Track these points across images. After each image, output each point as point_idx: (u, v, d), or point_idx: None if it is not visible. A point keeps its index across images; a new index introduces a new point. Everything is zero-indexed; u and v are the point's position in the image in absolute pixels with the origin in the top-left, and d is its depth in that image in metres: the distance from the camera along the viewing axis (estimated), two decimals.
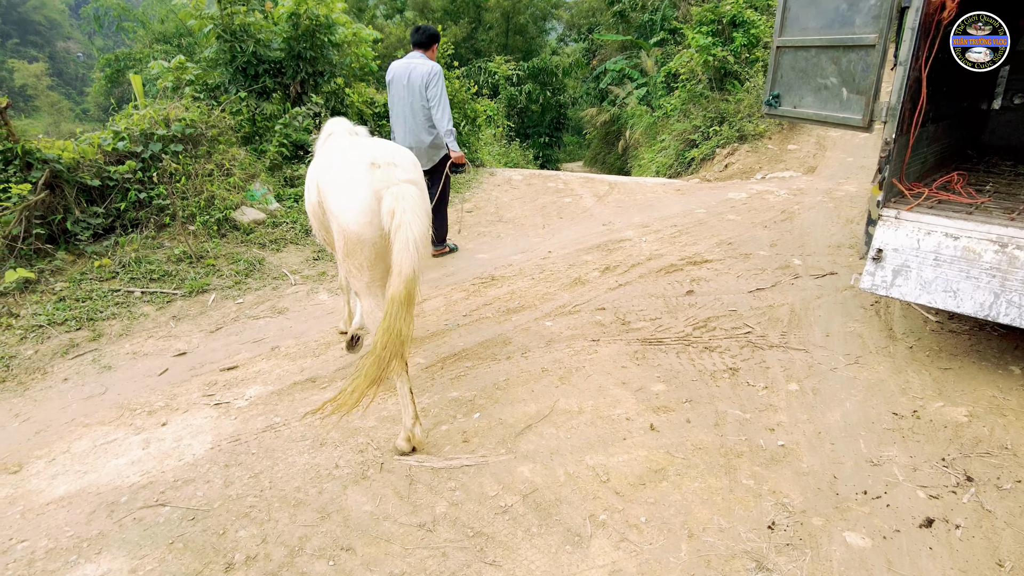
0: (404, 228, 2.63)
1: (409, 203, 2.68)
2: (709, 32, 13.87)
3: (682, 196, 7.93)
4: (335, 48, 8.18)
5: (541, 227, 6.69)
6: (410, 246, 2.62)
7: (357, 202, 2.75)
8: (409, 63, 5.35)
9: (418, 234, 2.65)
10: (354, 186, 2.78)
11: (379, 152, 2.90)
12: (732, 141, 11.36)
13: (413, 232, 2.64)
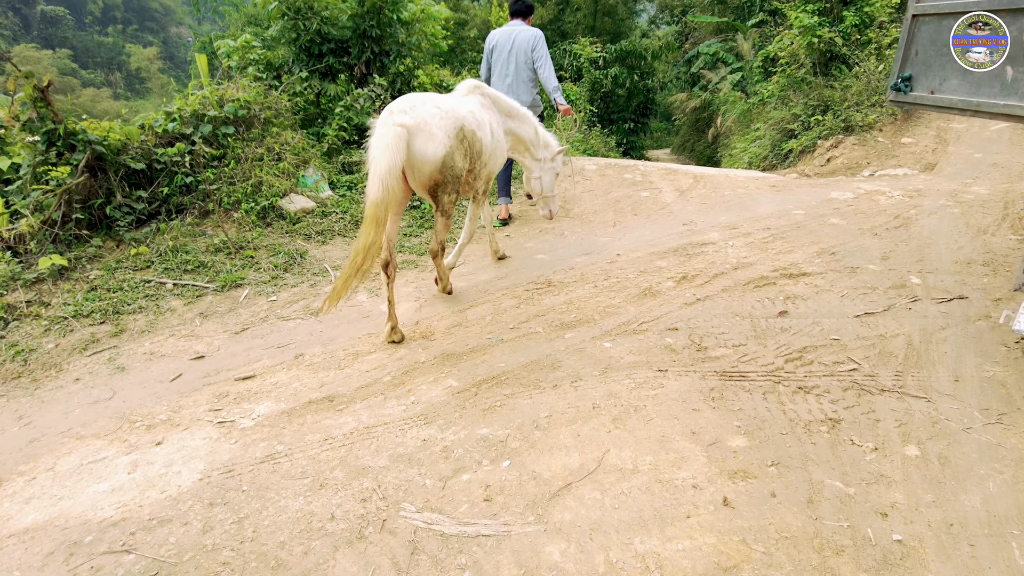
0: (373, 164, 3.30)
1: (378, 142, 3.33)
2: (815, 11, 12.56)
3: (777, 193, 7.00)
4: (403, 26, 7.73)
5: (612, 225, 6.00)
6: (373, 178, 3.27)
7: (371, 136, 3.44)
8: (512, 29, 5.86)
9: (381, 168, 3.25)
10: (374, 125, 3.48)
11: (405, 102, 3.58)
12: (836, 132, 10.16)
13: (377, 167, 3.26)
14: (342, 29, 7.44)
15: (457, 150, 3.64)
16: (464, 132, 3.70)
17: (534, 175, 4.99)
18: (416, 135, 3.44)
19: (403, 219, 5.94)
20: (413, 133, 3.43)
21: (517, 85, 5.78)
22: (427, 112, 3.53)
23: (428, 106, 3.57)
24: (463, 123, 3.69)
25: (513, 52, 5.76)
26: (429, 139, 3.49)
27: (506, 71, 5.82)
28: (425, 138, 3.48)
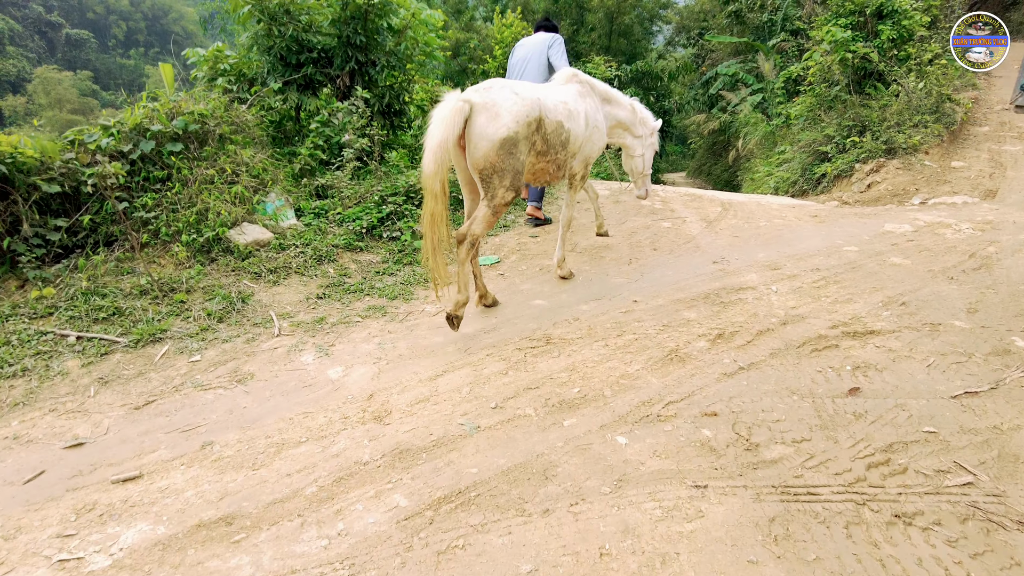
0: (427, 138, 3.27)
1: (434, 118, 3.30)
2: (847, 25, 11.64)
3: (820, 225, 6.00)
4: (392, 34, 6.89)
5: (627, 262, 5.03)
6: (427, 152, 3.25)
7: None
8: (534, 36, 5.79)
9: (432, 143, 3.24)
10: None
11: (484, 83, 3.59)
12: (877, 155, 9.16)
13: (431, 141, 3.24)
14: (323, 36, 6.62)
15: (523, 139, 3.54)
16: (541, 122, 3.67)
17: (636, 153, 4.97)
18: (480, 112, 3.41)
19: (378, 255, 5.02)
20: (477, 110, 3.41)
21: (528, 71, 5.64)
22: (499, 94, 3.49)
23: (504, 89, 3.53)
24: (542, 113, 3.65)
25: (529, 50, 5.71)
26: (492, 119, 3.42)
27: (517, 66, 5.72)
28: (488, 117, 3.41)
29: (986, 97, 13.22)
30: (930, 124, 9.66)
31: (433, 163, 3.24)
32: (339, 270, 4.66)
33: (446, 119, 3.27)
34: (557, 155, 3.90)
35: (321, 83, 6.96)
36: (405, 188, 5.68)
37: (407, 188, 5.68)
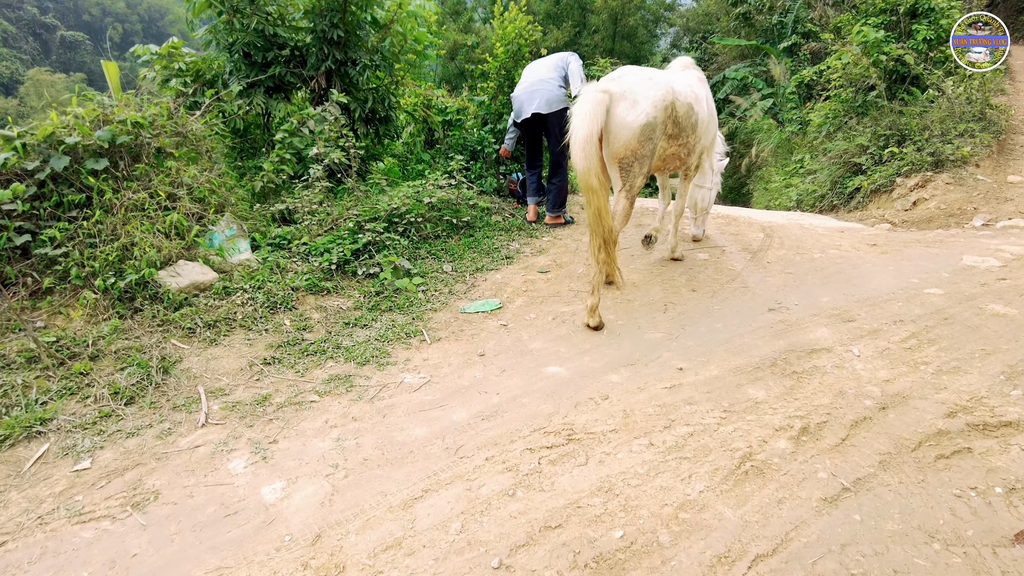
0: (573, 132, 3.29)
1: (580, 110, 3.31)
2: (878, 24, 10.72)
3: (883, 256, 5.03)
4: (376, 28, 5.93)
5: (661, 308, 4.05)
6: (576, 147, 3.27)
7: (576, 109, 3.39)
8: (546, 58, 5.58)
9: (580, 137, 3.25)
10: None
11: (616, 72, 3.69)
12: (922, 168, 8.21)
13: (577, 136, 3.27)
14: (294, 30, 5.66)
15: (659, 123, 3.58)
16: (674, 106, 3.68)
17: (706, 184, 4.96)
18: (619, 101, 3.47)
19: (349, 299, 4.04)
20: (615, 99, 3.47)
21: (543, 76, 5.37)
22: (634, 80, 3.56)
23: (638, 76, 3.61)
24: (675, 96, 3.67)
25: (542, 64, 5.49)
26: (632, 106, 3.48)
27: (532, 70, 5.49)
28: (628, 105, 3.48)
29: (1016, 103, 12.28)
30: (977, 133, 8.72)
31: (584, 159, 3.26)
32: (298, 322, 3.69)
33: (589, 112, 3.29)
34: (688, 139, 3.90)
35: (293, 85, 6.00)
36: (387, 211, 4.71)
37: (389, 212, 4.71)
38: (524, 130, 5.55)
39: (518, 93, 5.41)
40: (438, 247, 4.87)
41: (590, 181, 3.30)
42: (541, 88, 5.23)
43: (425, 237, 4.93)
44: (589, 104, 3.31)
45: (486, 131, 6.45)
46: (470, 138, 6.51)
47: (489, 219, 5.47)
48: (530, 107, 5.29)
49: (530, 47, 6.49)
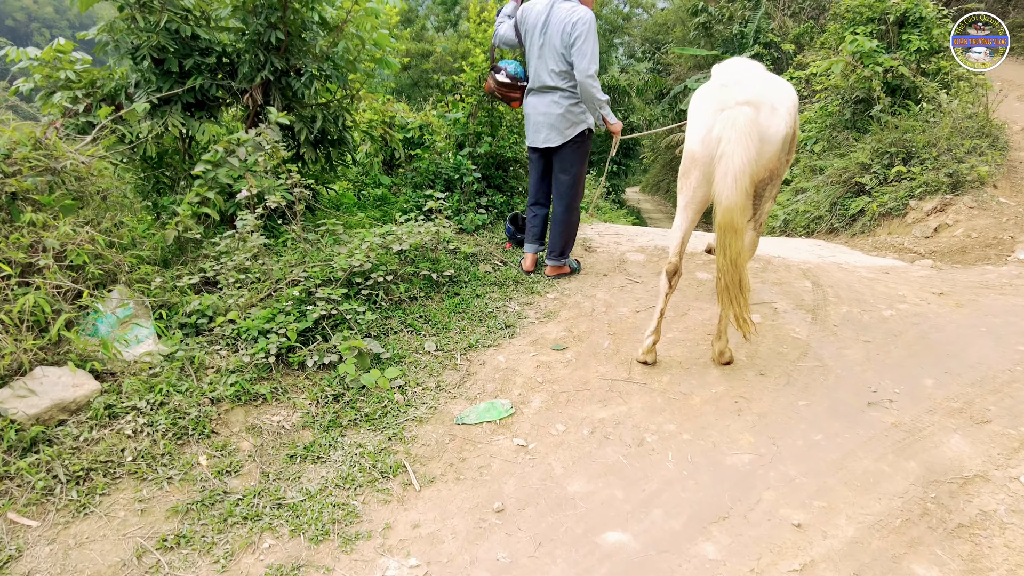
0: (726, 159, 2.70)
1: (735, 131, 2.71)
2: (869, 33, 10.07)
3: (960, 310, 4.11)
4: (326, 31, 4.75)
5: (732, 409, 2.98)
6: (729, 178, 2.69)
7: (697, 122, 2.97)
8: (550, 3, 4.02)
9: (739, 165, 2.68)
10: (699, 106, 3.01)
11: (733, 70, 3.08)
12: (939, 190, 7.46)
13: (734, 164, 2.68)
14: (220, 31, 4.43)
15: (791, 131, 3.08)
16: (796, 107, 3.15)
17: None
18: (758, 110, 2.84)
19: (295, 411, 2.82)
20: (756, 110, 2.83)
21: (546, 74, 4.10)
22: (758, 80, 3.03)
23: (754, 73, 3.11)
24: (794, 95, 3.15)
25: (545, 36, 4.03)
26: (772, 113, 2.91)
27: (534, 67, 4.19)
28: (768, 112, 2.89)
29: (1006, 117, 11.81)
30: (986, 151, 8.07)
31: (741, 194, 2.73)
32: (219, 458, 2.47)
33: (744, 134, 2.73)
34: (790, 156, 3.31)
35: (221, 101, 4.76)
36: (347, 269, 3.52)
37: (349, 270, 3.53)
38: (531, 155, 4.44)
39: (527, 100, 4.31)
40: (415, 314, 3.70)
41: (736, 221, 2.75)
42: (547, 113, 4.14)
43: (397, 301, 3.75)
44: (743, 123, 2.73)
45: (463, 156, 5.32)
46: (443, 164, 5.37)
47: (476, 270, 4.32)
48: (536, 135, 4.20)
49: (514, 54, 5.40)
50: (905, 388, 3.15)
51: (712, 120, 2.86)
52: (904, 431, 2.76)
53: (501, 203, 5.41)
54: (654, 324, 3.26)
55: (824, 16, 20.33)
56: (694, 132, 2.99)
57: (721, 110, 2.83)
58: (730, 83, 2.98)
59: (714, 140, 2.79)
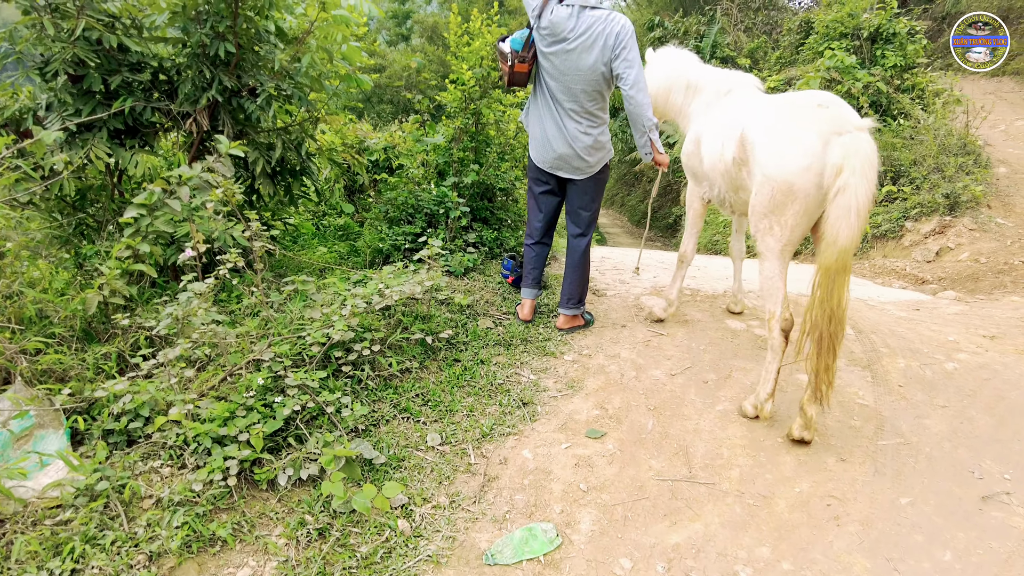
0: (849, 192, 2.37)
1: (860, 161, 2.38)
2: (844, 48, 9.86)
3: (1019, 356, 3.66)
4: (285, 42, 4.02)
5: (827, 515, 2.38)
6: (852, 214, 2.36)
7: (799, 146, 2.53)
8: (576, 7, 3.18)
9: (863, 200, 2.37)
10: (797, 127, 2.57)
11: (823, 95, 2.66)
12: (935, 210, 7.17)
13: (859, 198, 2.36)
14: (155, 42, 3.65)
15: None
16: None
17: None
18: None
19: (266, 559, 2.08)
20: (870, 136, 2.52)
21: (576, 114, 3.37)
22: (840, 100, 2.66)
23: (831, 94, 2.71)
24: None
25: (578, 51, 3.21)
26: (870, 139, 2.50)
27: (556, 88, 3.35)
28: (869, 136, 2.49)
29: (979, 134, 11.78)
30: (973, 169, 7.86)
31: (859, 230, 2.40)
32: None
33: (869, 163, 2.41)
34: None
35: (158, 127, 3.96)
36: (324, 343, 2.79)
37: (327, 343, 2.79)
38: (537, 176, 3.74)
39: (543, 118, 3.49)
40: (410, 392, 2.98)
41: (849, 262, 2.45)
42: (573, 134, 3.39)
43: (387, 377, 3.03)
44: (868, 153, 2.41)
45: (446, 187, 4.63)
46: (423, 196, 4.67)
47: (476, 326, 3.63)
48: (548, 160, 3.53)
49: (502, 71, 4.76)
50: (1015, 473, 2.61)
51: (821, 146, 2.47)
52: None
53: (491, 240, 4.72)
54: (771, 386, 2.86)
55: (777, 31, 20.56)
56: (792, 159, 2.54)
57: (838, 134, 2.46)
58: (830, 103, 2.58)
59: (830, 170, 2.44)
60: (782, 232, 2.69)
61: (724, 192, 3.32)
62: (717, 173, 3.27)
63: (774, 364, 2.85)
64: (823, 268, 2.49)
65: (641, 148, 3.45)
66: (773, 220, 2.69)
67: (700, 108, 3.66)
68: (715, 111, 3.50)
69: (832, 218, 2.41)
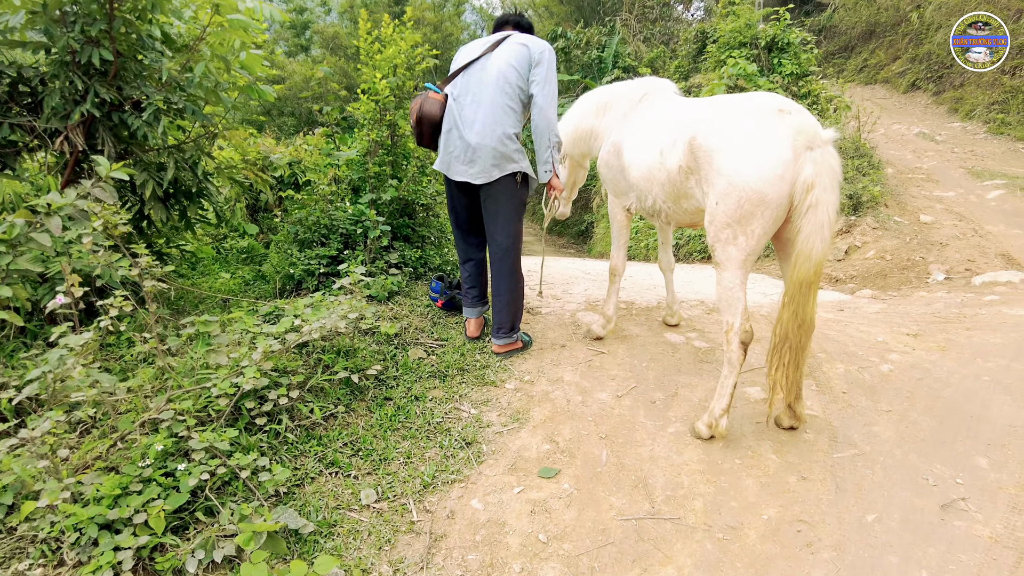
0: (821, 208, 2.38)
1: (830, 178, 2.40)
2: (744, 57, 10.22)
3: (948, 355, 3.74)
4: (172, 49, 3.58)
5: (798, 541, 2.25)
6: (824, 229, 2.39)
7: (770, 155, 2.43)
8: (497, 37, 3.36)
9: (833, 214, 2.42)
10: (765, 135, 2.45)
11: (779, 99, 2.57)
12: (842, 211, 7.48)
13: (829, 213, 2.40)
14: (6, 47, 3.15)
15: None
16: None
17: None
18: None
19: None
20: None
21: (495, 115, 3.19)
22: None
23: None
24: None
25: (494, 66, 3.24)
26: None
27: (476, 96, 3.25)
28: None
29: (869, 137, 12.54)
30: (869, 170, 8.31)
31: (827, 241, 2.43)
32: None
33: (837, 180, 2.44)
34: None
35: (21, 147, 3.41)
36: (233, 395, 2.41)
37: (237, 394, 2.42)
38: (452, 192, 3.52)
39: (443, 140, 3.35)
40: (337, 441, 2.64)
41: (819, 275, 2.47)
42: (481, 141, 3.19)
43: (310, 427, 2.67)
44: (836, 170, 2.42)
45: (363, 204, 4.29)
46: (338, 215, 4.31)
47: (407, 357, 3.32)
48: (458, 165, 3.29)
49: (417, 80, 4.48)
50: (965, 476, 2.60)
51: (793, 156, 2.41)
52: (1008, 547, 2.17)
53: (415, 260, 4.42)
54: (726, 402, 2.76)
55: (675, 41, 21.36)
56: (761, 169, 2.44)
57: (809, 148, 2.41)
58: (791, 108, 2.50)
59: (801, 184, 2.39)
60: (747, 242, 2.59)
61: (661, 202, 3.18)
62: (654, 183, 3.13)
63: (731, 379, 2.75)
64: (797, 281, 2.47)
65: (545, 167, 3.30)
66: (738, 230, 2.58)
67: (615, 120, 3.57)
68: (635, 118, 3.41)
69: (805, 233, 2.40)
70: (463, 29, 30.09)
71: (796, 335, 2.49)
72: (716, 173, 2.60)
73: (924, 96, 14.18)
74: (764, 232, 2.54)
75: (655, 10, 22.32)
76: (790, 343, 2.51)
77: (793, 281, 2.47)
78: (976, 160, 10.11)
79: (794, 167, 2.41)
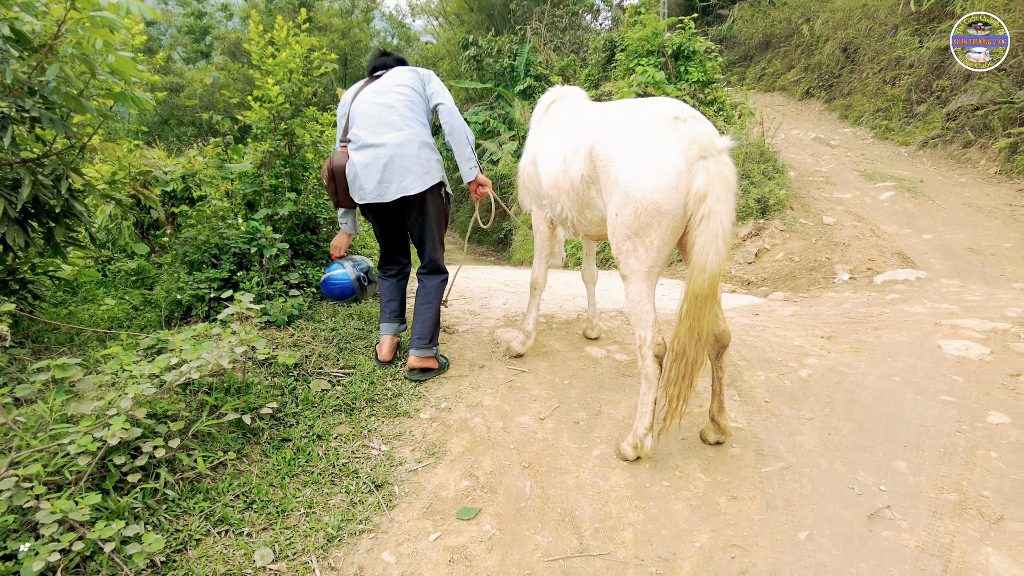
0: (715, 219, 2.29)
1: (723, 188, 2.31)
2: (652, 65, 10.42)
3: (860, 356, 3.81)
4: (26, 47, 3.14)
5: (733, 570, 2.14)
6: (719, 240, 2.29)
7: (663, 165, 2.36)
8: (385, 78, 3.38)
9: (728, 225, 2.32)
10: (657, 146, 2.38)
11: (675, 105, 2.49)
12: (751, 215, 7.67)
13: (724, 224, 2.30)
14: None
15: None
16: None
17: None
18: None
19: None
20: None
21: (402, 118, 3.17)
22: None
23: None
24: None
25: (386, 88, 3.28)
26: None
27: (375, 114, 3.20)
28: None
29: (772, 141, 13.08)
30: (773, 174, 8.61)
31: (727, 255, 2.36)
32: None
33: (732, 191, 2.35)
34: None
35: None
36: (96, 452, 2.06)
37: (102, 449, 2.07)
38: (374, 215, 3.32)
39: (353, 159, 3.17)
40: (227, 494, 2.32)
41: (716, 288, 2.37)
42: (399, 147, 3.09)
43: (195, 479, 2.34)
44: (731, 180, 2.33)
45: (258, 220, 3.94)
46: (229, 232, 3.94)
47: (308, 390, 3.02)
48: (389, 184, 3.08)
49: (316, 87, 4.18)
50: (887, 483, 2.59)
51: (687, 166, 2.33)
52: (935, 555, 2.14)
53: (319, 279, 4.10)
54: (649, 419, 2.62)
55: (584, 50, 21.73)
56: (656, 179, 2.37)
57: (702, 157, 2.32)
58: (686, 116, 2.43)
59: (694, 195, 2.32)
60: (647, 254, 2.50)
61: (568, 211, 3.07)
62: (561, 191, 3.03)
63: (650, 395, 2.63)
64: (693, 294, 2.37)
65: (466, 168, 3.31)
66: (637, 242, 2.49)
67: (531, 128, 3.54)
68: (544, 125, 3.37)
69: (699, 245, 2.32)
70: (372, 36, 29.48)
71: (693, 350, 2.40)
72: (613, 184, 2.52)
73: (818, 103, 14.99)
74: (663, 243, 2.46)
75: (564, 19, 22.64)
76: (687, 358, 2.41)
77: (689, 294, 2.37)
78: (867, 163, 10.71)
79: (688, 177, 2.34)
